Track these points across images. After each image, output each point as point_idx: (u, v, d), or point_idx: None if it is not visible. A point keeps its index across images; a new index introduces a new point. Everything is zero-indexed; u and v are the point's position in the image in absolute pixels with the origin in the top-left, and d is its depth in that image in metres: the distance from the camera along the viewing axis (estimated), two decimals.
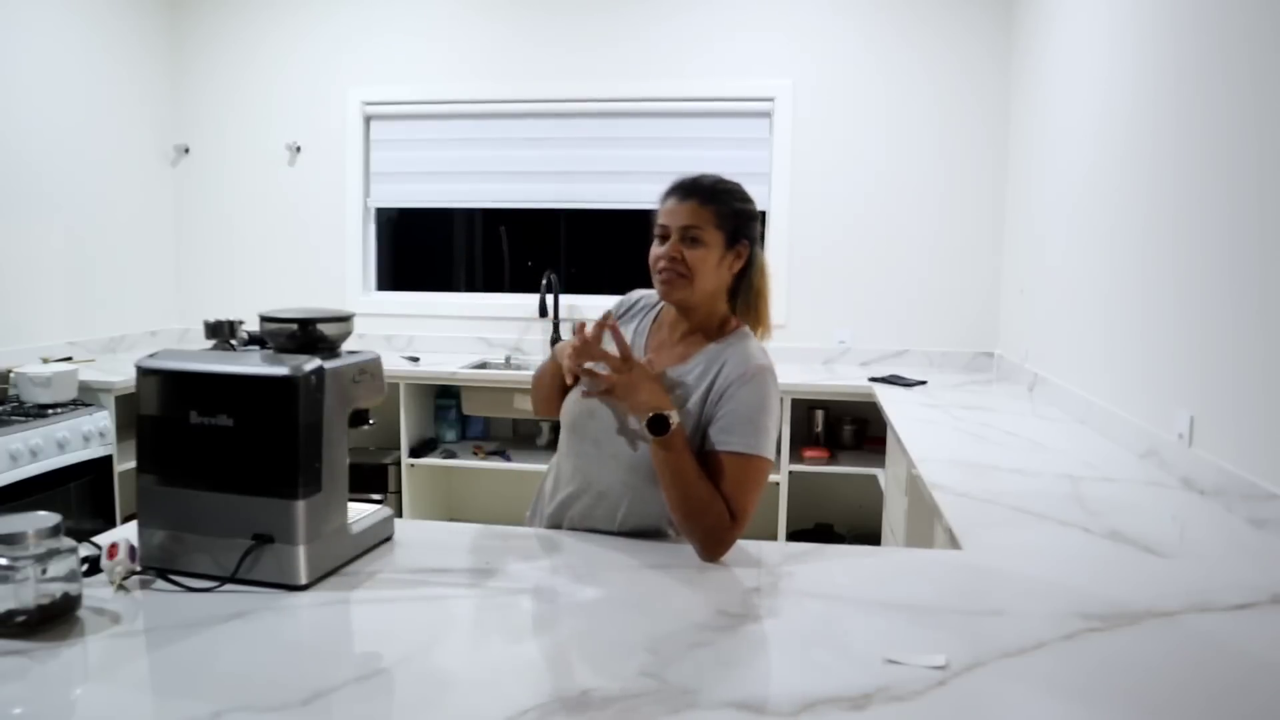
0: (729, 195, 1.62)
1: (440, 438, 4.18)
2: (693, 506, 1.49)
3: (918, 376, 3.74)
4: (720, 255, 1.59)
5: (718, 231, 1.58)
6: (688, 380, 1.59)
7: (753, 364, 1.57)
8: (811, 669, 1.12)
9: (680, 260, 1.57)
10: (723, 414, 1.54)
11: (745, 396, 1.54)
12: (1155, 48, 2.41)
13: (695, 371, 1.59)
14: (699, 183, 1.61)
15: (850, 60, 4.08)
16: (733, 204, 1.61)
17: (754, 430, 1.53)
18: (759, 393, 1.55)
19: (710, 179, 1.63)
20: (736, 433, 1.53)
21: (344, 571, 1.42)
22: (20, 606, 1.16)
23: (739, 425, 1.53)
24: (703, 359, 1.60)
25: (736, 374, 1.55)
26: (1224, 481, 1.90)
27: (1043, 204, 3.42)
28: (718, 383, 1.56)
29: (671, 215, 1.59)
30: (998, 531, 1.74)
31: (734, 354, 1.59)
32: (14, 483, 2.89)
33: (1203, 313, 2.07)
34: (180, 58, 4.51)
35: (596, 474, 1.63)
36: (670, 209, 1.60)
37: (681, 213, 1.58)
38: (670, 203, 1.61)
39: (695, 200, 1.58)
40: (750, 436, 1.53)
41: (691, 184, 1.61)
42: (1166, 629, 1.26)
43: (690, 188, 1.61)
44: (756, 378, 1.55)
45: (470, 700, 1.05)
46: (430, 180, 4.46)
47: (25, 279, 3.70)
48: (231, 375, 1.34)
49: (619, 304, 1.80)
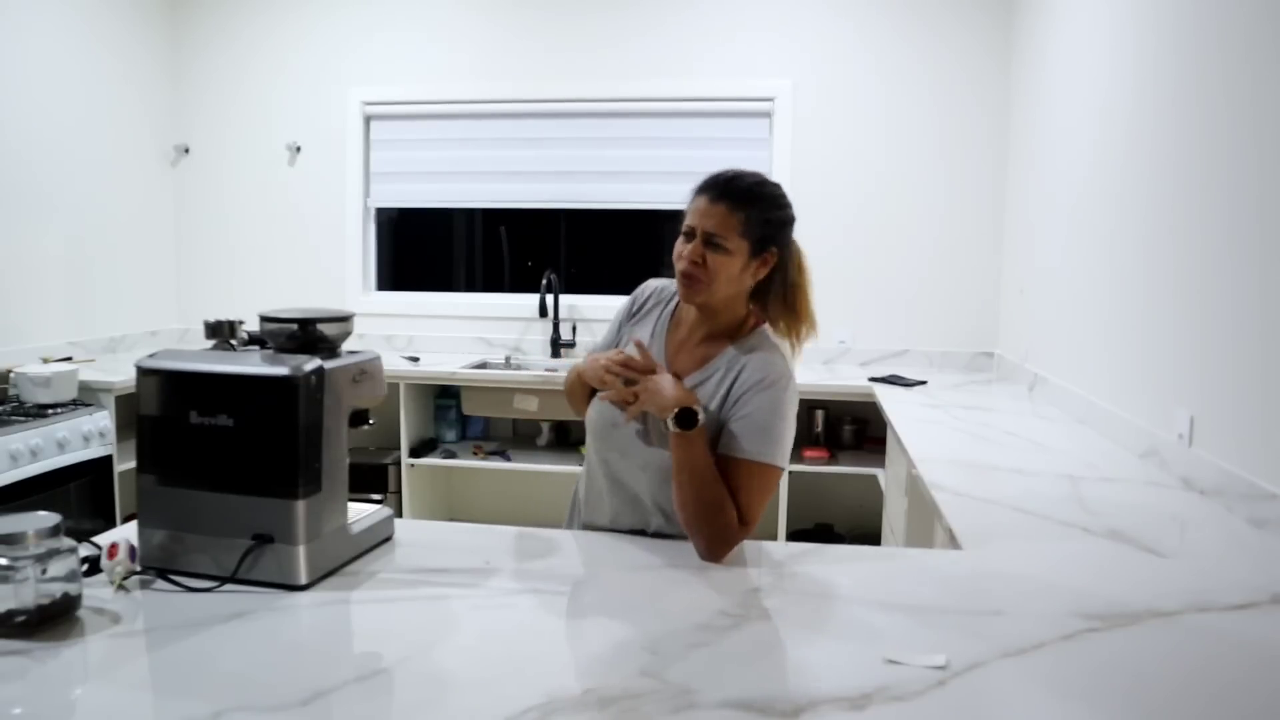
0: (763, 203, 1.55)
1: (440, 438, 4.18)
2: (705, 506, 1.48)
3: (918, 376, 3.74)
4: (744, 263, 1.54)
5: (743, 240, 1.52)
6: (708, 385, 1.57)
7: (772, 371, 1.54)
8: (811, 669, 1.12)
9: (701, 264, 1.52)
10: (738, 419, 1.52)
11: (762, 403, 1.52)
12: (1155, 47, 2.41)
13: (715, 377, 1.57)
14: (734, 184, 1.54)
15: (850, 60, 4.08)
16: (765, 212, 1.54)
17: (768, 439, 1.51)
18: (776, 400, 1.52)
19: (749, 181, 1.55)
20: (750, 439, 1.51)
21: (344, 571, 1.42)
22: (20, 606, 1.16)
23: (753, 432, 1.51)
24: (722, 363, 1.58)
25: (755, 380, 1.53)
26: (1224, 481, 1.90)
27: (1043, 204, 3.41)
28: (735, 387, 1.54)
29: (699, 216, 1.53)
30: (997, 531, 1.74)
31: (754, 359, 1.56)
32: (14, 483, 2.89)
33: (1203, 313, 2.07)
34: (180, 58, 4.51)
35: (627, 482, 1.63)
36: (700, 208, 1.54)
37: (709, 215, 1.52)
38: (701, 201, 1.54)
39: (725, 205, 1.52)
40: (764, 444, 1.51)
41: (726, 185, 1.54)
42: (1166, 629, 1.26)
43: (724, 189, 1.53)
44: (775, 385, 1.53)
45: (470, 700, 1.05)
46: (430, 180, 4.46)
47: (25, 279, 3.69)
48: (231, 375, 1.34)
49: (632, 300, 1.76)
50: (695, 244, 1.52)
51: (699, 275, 1.53)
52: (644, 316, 1.72)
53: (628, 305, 1.76)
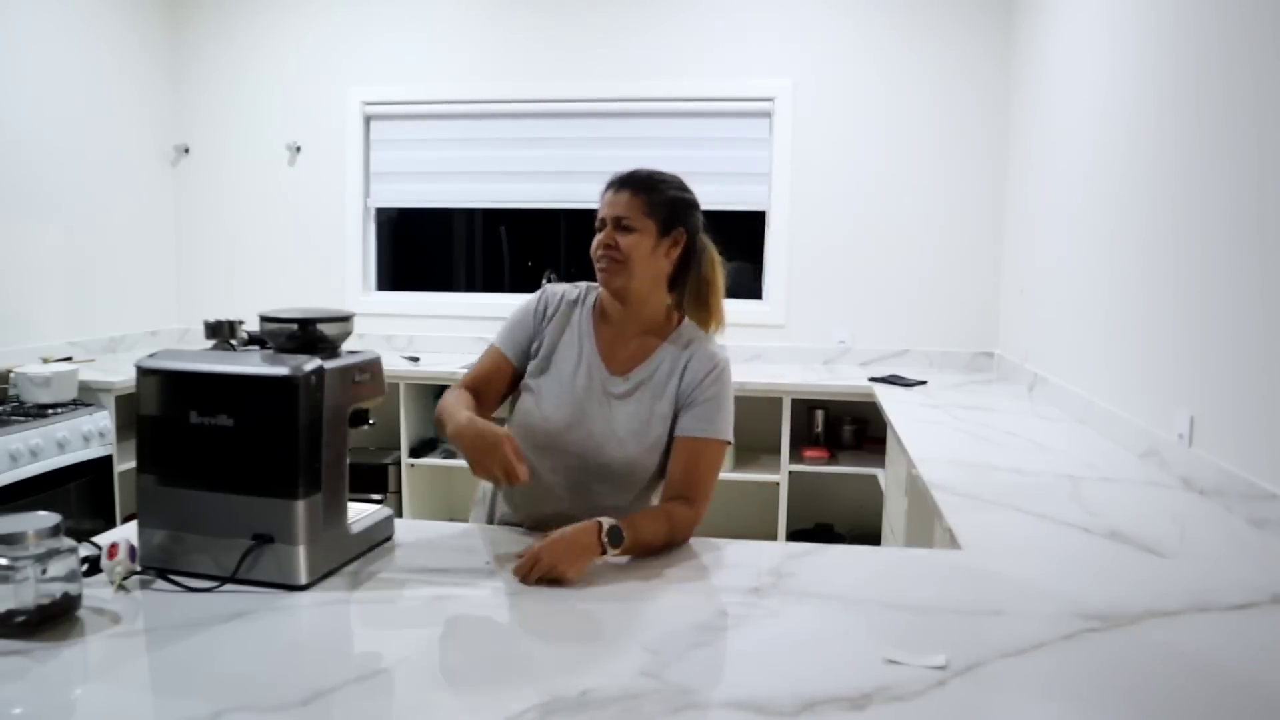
0: (663, 184, 1.69)
1: (440, 438, 4.18)
2: (664, 544, 1.54)
3: (918, 376, 3.74)
4: (654, 242, 1.65)
5: (649, 219, 1.64)
6: (657, 377, 1.67)
7: (716, 359, 1.68)
8: (811, 669, 1.12)
9: (615, 247, 1.63)
10: (698, 405, 1.65)
11: (714, 392, 1.66)
12: (1155, 47, 2.41)
13: (661, 370, 1.67)
14: (633, 175, 1.69)
15: (850, 60, 4.08)
16: (666, 192, 1.68)
17: (723, 417, 1.66)
18: (724, 383, 1.68)
19: (644, 172, 1.70)
20: (709, 420, 1.65)
21: (344, 571, 1.42)
22: (20, 606, 1.16)
23: (712, 414, 1.65)
24: (664, 358, 1.68)
25: (704, 370, 1.66)
26: (1224, 481, 1.90)
27: (1043, 204, 3.41)
28: (685, 383, 1.66)
29: (607, 206, 1.67)
30: (998, 532, 1.74)
31: (696, 352, 1.68)
32: (14, 483, 2.89)
33: (1203, 313, 2.07)
34: (180, 58, 4.51)
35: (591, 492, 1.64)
36: (606, 200, 1.67)
37: (614, 203, 1.66)
38: (606, 195, 1.68)
39: (628, 191, 1.66)
40: (721, 423, 1.66)
41: (626, 177, 1.68)
42: (1166, 629, 1.26)
43: (624, 180, 1.68)
44: (722, 370, 1.68)
45: (470, 700, 1.05)
46: (430, 180, 4.46)
47: (25, 279, 3.69)
48: (231, 375, 1.34)
49: (540, 301, 1.75)
50: (607, 230, 1.65)
51: (615, 257, 1.64)
52: (556, 317, 1.74)
53: (535, 306, 1.75)
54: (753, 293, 4.23)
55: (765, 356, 4.11)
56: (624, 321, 1.70)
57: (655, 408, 1.65)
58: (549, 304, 1.75)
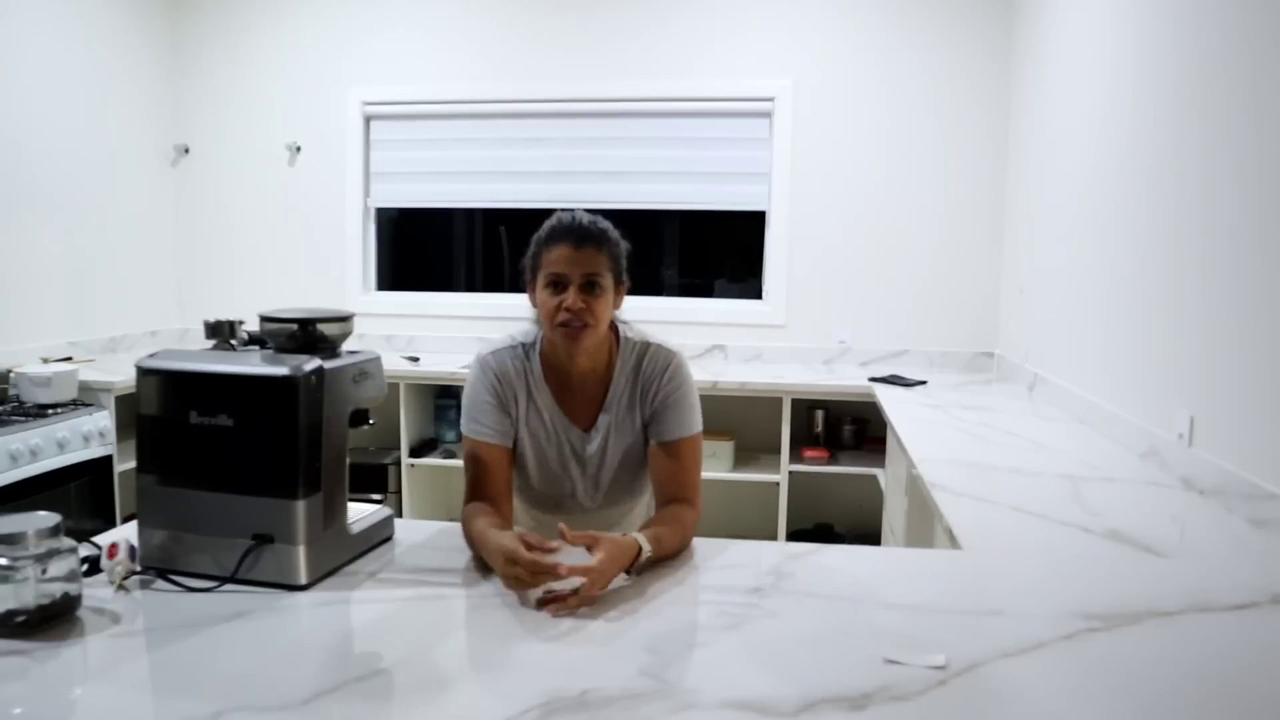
0: (610, 233, 1.63)
1: (440, 438, 4.18)
2: (679, 547, 1.54)
3: (918, 376, 3.74)
4: (613, 298, 1.64)
5: (610, 275, 1.61)
6: (620, 408, 1.70)
7: (666, 354, 1.69)
8: (811, 669, 1.12)
9: (587, 310, 1.57)
10: (665, 408, 1.67)
11: (675, 388, 1.67)
12: (1156, 47, 2.41)
13: (623, 398, 1.70)
14: (587, 228, 1.60)
15: (850, 60, 4.08)
16: (615, 247, 1.64)
17: (693, 411, 1.69)
18: (683, 376, 1.69)
19: (589, 220, 1.62)
20: (681, 419, 1.67)
21: (344, 571, 1.42)
22: (20, 606, 1.16)
23: (682, 412, 1.67)
24: (621, 381, 1.69)
25: (659, 368, 1.68)
26: (1224, 481, 1.90)
27: (1043, 204, 3.41)
28: (641, 383, 1.69)
29: (569, 264, 1.57)
30: (998, 531, 1.74)
31: (648, 360, 1.69)
32: (14, 483, 2.89)
33: (1203, 313, 2.07)
34: (180, 58, 4.51)
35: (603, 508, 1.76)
36: (567, 257, 1.57)
37: (579, 261, 1.57)
38: (564, 250, 1.58)
39: (591, 247, 1.58)
40: (692, 418, 1.68)
41: (581, 230, 1.59)
42: (1166, 629, 1.26)
43: (582, 234, 1.58)
44: (679, 369, 1.69)
45: (470, 700, 1.05)
46: (430, 180, 4.46)
47: (25, 279, 3.69)
48: (231, 375, 1.34)
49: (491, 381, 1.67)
50: (573, 292, 1.57)
51: (587, 320, 1.58)
52: (511, 389, 1.68)
53: (492, 385, 1.67)
54: (750, 291, 4.25)
55: (765, 356, 4.11)
56: (580, 374, 1.69)
57: (630, 428, 1.70)
58: (499, 379, 1.68)
